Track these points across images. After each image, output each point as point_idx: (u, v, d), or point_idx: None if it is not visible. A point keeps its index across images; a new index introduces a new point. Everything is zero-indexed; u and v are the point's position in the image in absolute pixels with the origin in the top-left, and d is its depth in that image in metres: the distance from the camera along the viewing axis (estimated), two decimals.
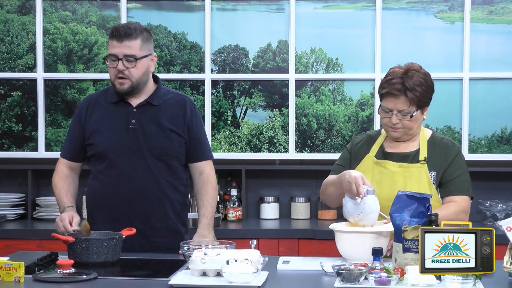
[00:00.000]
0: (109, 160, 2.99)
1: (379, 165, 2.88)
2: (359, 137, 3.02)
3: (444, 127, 4.44)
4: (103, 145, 3.00)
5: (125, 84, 2.95)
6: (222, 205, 4.49)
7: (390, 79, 2.83)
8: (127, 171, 2.98)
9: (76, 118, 3.10)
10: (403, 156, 2.88)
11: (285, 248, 4.07)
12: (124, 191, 2.98)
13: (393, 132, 2.86)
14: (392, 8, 4.48)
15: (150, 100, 3.02)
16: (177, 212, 3.07)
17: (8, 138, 4.56)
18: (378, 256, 2.33)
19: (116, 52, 2.93)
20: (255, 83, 4.55)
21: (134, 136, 2.99)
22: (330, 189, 2.86)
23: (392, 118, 2.82)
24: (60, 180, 3.08)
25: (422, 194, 2.48)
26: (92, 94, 3.24)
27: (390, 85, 2.81)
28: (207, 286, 2.28)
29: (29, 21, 4.55)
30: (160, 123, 3.00)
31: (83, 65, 4.55)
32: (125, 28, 2.94)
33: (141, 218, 2.97)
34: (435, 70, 4.46)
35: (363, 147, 2.96)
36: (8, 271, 2.32)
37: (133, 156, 2.98)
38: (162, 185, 3.01)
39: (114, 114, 3.02)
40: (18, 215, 4.49)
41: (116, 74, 2.95)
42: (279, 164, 4.60)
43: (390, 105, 2.82)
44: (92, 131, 3.02)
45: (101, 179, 3.02)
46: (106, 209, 3.00)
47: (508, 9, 4.45)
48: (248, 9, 4.55)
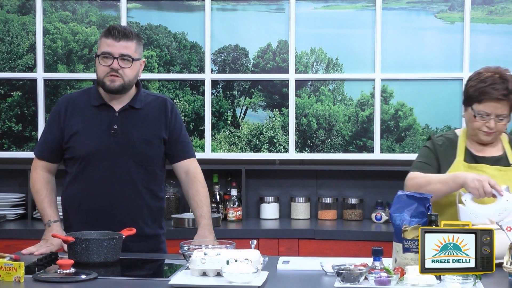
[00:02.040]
0: (89, 164, 2.95)
1: (475, 169, 2.88)
2: (439, 139, 3.01)
3: (444, 127, 4.44)
4: (83, 149, 2.95)
5: (117, 82, 2.91)
6: (222, 205, 4.49)
7: (491, 84, 2.84)
8: (107, 176, 2.94)
9: (54, 118, 3.02)
10: (496, 159, 2.93)
11: (285, 248, 4.07)
12: (102, 196, 2.94)
13: (486, 136, 2.89)
14: (392, 8, 4.48)
15: (133, 104, 2.99)
16: (154, 218, 3.05)
17: (8, 138, 4.56)
18: (378, 256, 2.33)
19: (112, 51, 2.90)
20: (255, 83, 4.55)
21: (116, 141, 2.95)
22: (436, 186, 2.81)
23: (490, 123, 2.85)
24: (42, 186, 3.01)
25: (422, 194, 2.48)
26: (70, 94, 3.16)
27: (495, 90, 2.83)
28: (207, 286, 2.28)
29: (29, 21, 4.55)
30: (142, 129, 2.98)
31: (83, 65, 4.55)
32: (123, 29, 2.93)
33: (118, 224, 2.89)
34: (435, 70, 4.48)
35: (448, 150, 2.97)
36: (8, 271, 2.32)
37: (113, 162, 2.94)
38: (141, 192, 2.98)
39: (96, 118, 2.97)
40: (18, 215, 4.49)
41: (107, 72, 2.91)
42: (279, 164, 4.60)
43: (489, 110, 2.85)
44: (72, 133, 2.97)
45: (80, 183, 2.97)
46: (83, 213, 2.96)
47: (508, 9, 4.45)
48: (248, 9, 4.55)
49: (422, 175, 2.89)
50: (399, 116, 4.49)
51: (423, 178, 2.87)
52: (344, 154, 4.52)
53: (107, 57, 2.91)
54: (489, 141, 2.93)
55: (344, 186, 4.64)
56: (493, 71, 2.89)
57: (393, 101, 4.49)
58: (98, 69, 2.94)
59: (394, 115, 4.49)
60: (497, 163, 2.91)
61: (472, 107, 2.88)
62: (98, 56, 2.94)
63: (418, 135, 4.48)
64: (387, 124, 4.49)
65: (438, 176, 2.85)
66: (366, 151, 4.50)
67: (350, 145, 4.51)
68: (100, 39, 2.97)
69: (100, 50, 2.93)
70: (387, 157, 4.50)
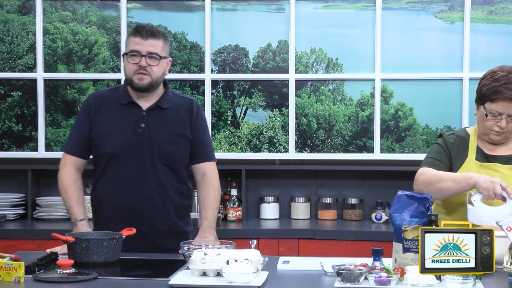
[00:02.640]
0: (116, 162, 3.00)
1: (487, 168, 2.88)
2: (450, 137, 3.00)
3: (444, 127, 4.44)
4: (111, 146, 3.00)
5: (145, 80, 2.96)
6: (222, 205, 4.49)
7: (505, 83, 2.83)
8: (134, 173, 2.99)
9: (85, 113, 3.07)
10: (507, 158, 2.92)
11: (285, 248, 4.07)
12: (130, 193, 2.99)
13: (496, 136, 2.88)
14: (392, 8, 4.48)
15: (160, 103, 3.04)
16: (181, 215, 3.10)
17: (8, 138, 4.56)
18: (378, 256, 2.33)
19: (140, 49, 2.95)
20: (255, 83, 4.55)
21: (142, 140, 3.00)
22: (448, 184, 2.79)
23: (502, 122, 2.84)
24: (70, 184, 3.03)
25: (422, 194, 2.48)
26: (99, 91, 3.21)
27: (508, 90, 2.81)
28: (207, 286, 2.28)
29: (29, 21, 4.55)
30: (168, 128, 3.03)
31: (83, 65, 4.55)
32: (150, 27, 3.00)
33: (145, 221, 2.98)
34: (435, 70, 4.48)
35: (460, 149, 2.95)
36: (8, 271, 2.32)
37: (140, 160, 2.99)
38: (167, 189, 3.03)
39: (124, 116, 3.02)
40: (18, 215, 4.49)
41: (136, 70, 2.96)
42: (279, 164, 4.60)
43: (501, 109, 2.84)
44: (100, 130, 3.02)
45: (107, 180, 3.02)
46: (113, 210, 3.01)
47: (508, 9, 4.45)
48: (248, 9, 4.55)
49: (434, 172, 2.85)
50: (399, 116, 4.49)
51: (435, 175, 2.84)
52: (344, 154, 4.52)
53: (135, 55, 2.96)
54: (500, 141, 2.91)
55: (344, 186, 4.64)
56: (507, 70, 2.88)
57: (393, 101, 4.49)
58: (127, 67, 2.99)
59: (394, 115, 4.49)
60: (509, 162, 2.90)
61: (484, 105, 2.86)
62: (125, 55, 2.99)
63: (418, 135, 4.48)
64: (387, 124, 4.49)
65: (450, 174, 2.83)
66: (366, 151, 4.50)
67: (350, 145, 4.51)
68: (127, 38, 3.02)
69: (127, 49, 2.99)
70: (387, 157, 4.50)
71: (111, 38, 4.54)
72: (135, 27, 3.01)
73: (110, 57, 4.54)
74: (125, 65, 3.01)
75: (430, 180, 2.83)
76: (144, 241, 2.95)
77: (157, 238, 2.99)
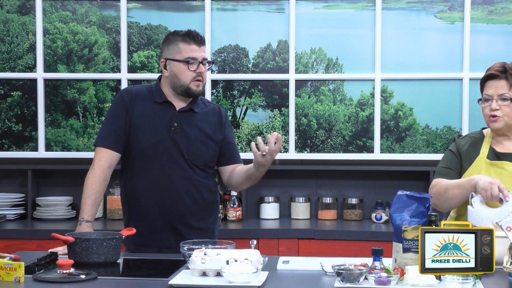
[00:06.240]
0: (148, 158, 3.02)
1: (495, 166, 2.89)
2: (462, 140, 3.02)
3: (444, 127, 4.45)
4: (144, 142, 3.02)
5: (201, 86, 3.05)
6: (222, 205, 4.49)
7: (491, 68, 2.92)
8: (165, 171, 3.02)
9: (118, 108, 3.06)
10: None
11: (285, 248, 4.07)
12: (162, 190, 3.01)
13: (494, 123, 2.89)
14: (392, 8, 4.48)
15: (192, 107, 3.09)
16: (210, 212, 3.13)
17: (8, 138, 4.56)
18: (378, 256, 2.33)
19: (197, 56, 3.01)
20: (255, 83, 4.55)
21: (175, 138, 3.02)
22: (454, 192, 2.83)
23: (492, 103, 2.87)
24: (97, 182, 2.98)
25: (422, 194, 2.48)
26: (132, 87, 3.20)
27: (491, 69, 2.89)
28: (207, 286, 2.28)
29: (29, 21, 4.55)
30: (200, 129, 3.07)
31: (83, 65, 4.55)
32: (199, 34, 3.06)
33: (177, 218, 3.02)
34: (435, 70, 4.48)
35: (470, 149, 2.97)
36: (8, 271, 2.32)
37: (171, 157, 3.02)
38: (197, 186, 3.06)
39: (158, 114, 3.05)
40: (18, 215, 4.50)
41: (194, 77, 3.01)
42: (279, 164, 4.59)
43: (490, 91, 2.88)
44: (134, 125, 3.03)
45: (140, 177, 3.04)
46: (145, 207, 3.03)
47: (508, 9, 4.45)
48: (248, 9, 4.55)
49: (442, 182, 2.90)
50: (399, 116, 4.49)
51: (442, 186, 2.89)
52: (344, 154, 4.52)
53: (191, 62, 3.01)
54: (499, 128, 2.90)
55: (344, 186, 4.64)
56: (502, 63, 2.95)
57: (393, 101, 4.49)
58: (184, 74, 3.02)
59: (394, 115, 4.49)
60: None
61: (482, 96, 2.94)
62: (180, 61, 3.01)
63: (418, 135, 4.48)
64: (387, 124, 4.49)
65: (455, 181, 2.87)
66: (366, 151, 4.50)
67: (350, 145, 4.51)
68: (176, 44, 3.03)
69: (183, 56, 3.01)
70: (387, 157, 4.50)
71: (111, 38, 4.54)
72: (187, 34, 3.04)
73: (110, 57, 4.54)
74: (179, 72, 3.02)
75: (439, 192, 2.89)
76: (177, 237, 2.99)
77: (190, 234, 3.01)
